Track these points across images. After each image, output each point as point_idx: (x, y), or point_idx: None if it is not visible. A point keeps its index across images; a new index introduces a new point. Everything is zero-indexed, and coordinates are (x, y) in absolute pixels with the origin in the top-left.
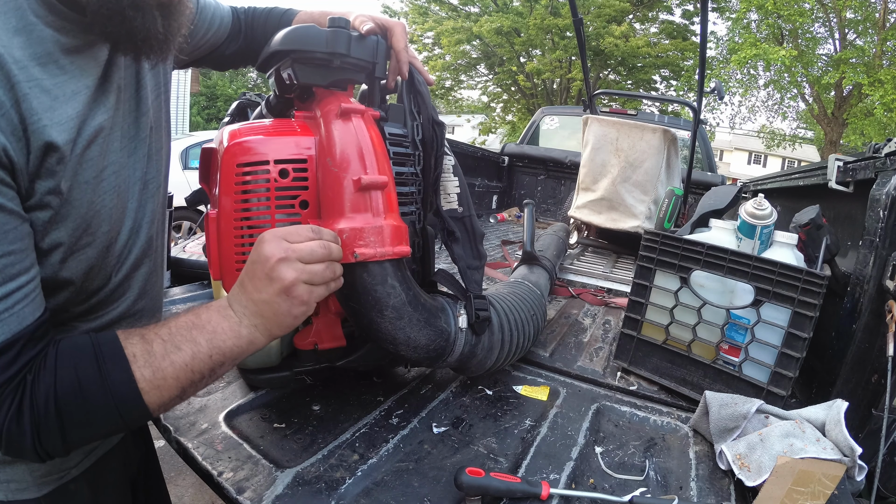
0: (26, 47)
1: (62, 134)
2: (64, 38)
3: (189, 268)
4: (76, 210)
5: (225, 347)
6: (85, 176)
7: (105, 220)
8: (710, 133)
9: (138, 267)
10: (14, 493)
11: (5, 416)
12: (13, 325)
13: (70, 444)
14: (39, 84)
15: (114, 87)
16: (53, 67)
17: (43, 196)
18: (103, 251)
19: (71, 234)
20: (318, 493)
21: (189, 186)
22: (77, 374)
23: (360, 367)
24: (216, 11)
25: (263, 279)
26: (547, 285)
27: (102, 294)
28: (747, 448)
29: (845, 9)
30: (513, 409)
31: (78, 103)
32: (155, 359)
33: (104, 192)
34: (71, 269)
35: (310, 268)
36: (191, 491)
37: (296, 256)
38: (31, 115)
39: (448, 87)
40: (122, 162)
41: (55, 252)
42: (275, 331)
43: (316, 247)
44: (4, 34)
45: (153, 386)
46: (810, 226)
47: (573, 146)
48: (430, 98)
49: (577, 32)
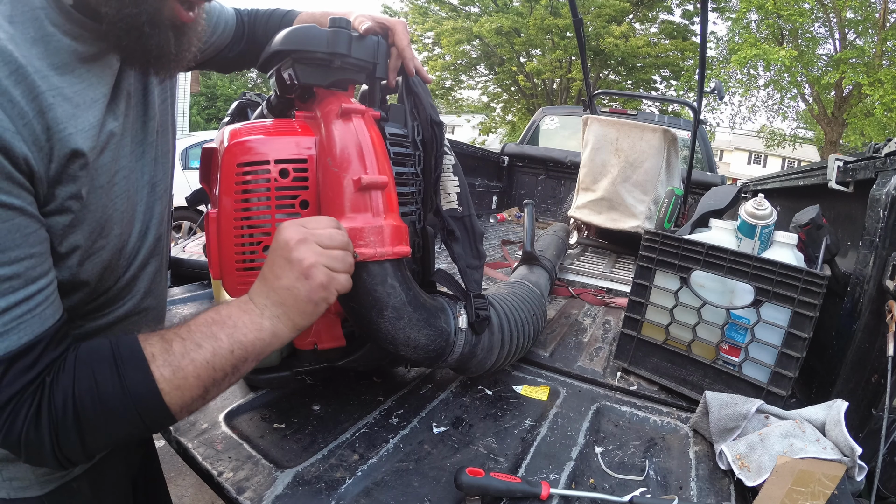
0: (45, 57)
1: (87, 141)
2: (80, 47)
3: (189, 268)
4: (92, 214)
5: (246, 341)
6: (100, 181)
7: (117, 223)
8: (710, 133)
9: (145, 266)
10: (16, 492)
11: (24, 419)
12: (35, 327)
13: (90, 448)
14: (61, 93)
15: (123, 94)
16: (71, 77)
17: (64, 201)
18: (116, 253)
19: (87, 238)
20: (318, 493)
21: (189, 186)
22: (95, 376)
23: (360, 367)
24: (221, 14)
25: (283, 264)
26: (547, 285)
27: (111, 293)
28: (747, 448)
29: (845, 9)
30: (513, 409)
31: (97, 111)
32: (174, 357)
33: (116, 196)
34: (87, 271)
35: (329, 252)
36: (191, 491)
37: (314, 240)
38: (56, 124)
39: (448, 87)
40: (131, 166)
41: (73, 255)
42: (297, 320)
43: (336, 233)
44: (24, 43)
45: (174, 386)
46: (810, 226)
47: (573, 146)
48: (429, 98)
49: (577, 32)
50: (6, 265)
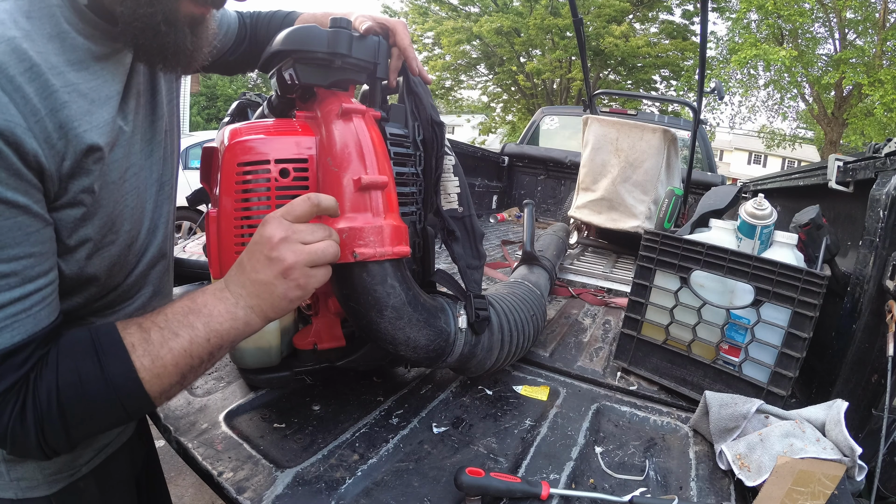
0: (61, 53)
1: (102, 136)
2: (94, 46)
3: (189, 268)
4: (104, 209)
5: (222, 330)
6: (112, 176)
7: (127, 219)
8: (710, 133)
9: (154, 265)
10: (24, 492)
11: (10, 415)
12: (29, 327)
13: (73, 438)
14: (77, 89)
15: (134, 92)
16: (87, 73)
17: (77, 194)
18: (125, 249)
19: (98, 232)
20: (318, 493)
21: (189, 186)
22: (77, 368)
23: (360, 367)
24: (223, 18)
25: (263, 260)
26: (547, 285)
27: (120, 290)
28: (747, 448)
29: (845, 9)
30: (513, 409)
31: (111, 107)
32: (153, 347)
33: (127, 192)
34: (95, 265)
35: (310, 248)
36: (191, 491)
37: (297, 237)
38: (70, 121)
39: (448, 87)
40: (141, 164)
41: (82, 248)
42: (270, 314)
43: (317, 227)
44: (40, 39)
45: (153, 374)
46: (810, 226)
47: (573, 146)
48: (429, 98)
49: (577, 32)
50: (4, 262)
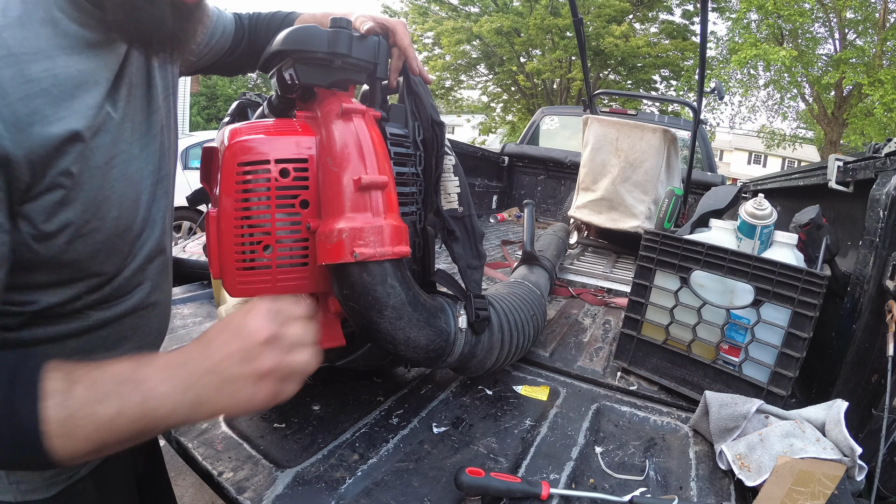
0: (53, 38)
1: (82, 121)
2: (88, 33)
3: (189, 268)
4: (86, 193)
5: (158, 415)
6: (96, 161)
7: (114, 206)
8: (710, 133)
9: (152, 259)
10: (24, 495)
11: None
12: None
13: None
14: (62, 73)
15: (126, 82)
16: (78, 58)
17: (55, 177)
18: (113, 237)
19: (80, 216)
20: (318, 493)
21: (189, 186)
22: None
23: (360, 367)
24: (219, 20)
25: (239, 356)
26: (547, 285)
27: (117, 283)
28: (747, 448)
29: (845, 9)
30: (513, 409)
31: (98, 94)
32: (72, 403)
33: (114, 179)
34: (77, 250)
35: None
36: (191, 491)
37: (284, 342)
38: (46, 107)
39: (448, 87)
40: (133, 153)
41: (63, 233)
42: (220, 411)
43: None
44: (33, 24)
45: (62, 433)
46: (810, 226)
47: (573, 146)
48: (430, 98)
49: (577, 32)
50: None
